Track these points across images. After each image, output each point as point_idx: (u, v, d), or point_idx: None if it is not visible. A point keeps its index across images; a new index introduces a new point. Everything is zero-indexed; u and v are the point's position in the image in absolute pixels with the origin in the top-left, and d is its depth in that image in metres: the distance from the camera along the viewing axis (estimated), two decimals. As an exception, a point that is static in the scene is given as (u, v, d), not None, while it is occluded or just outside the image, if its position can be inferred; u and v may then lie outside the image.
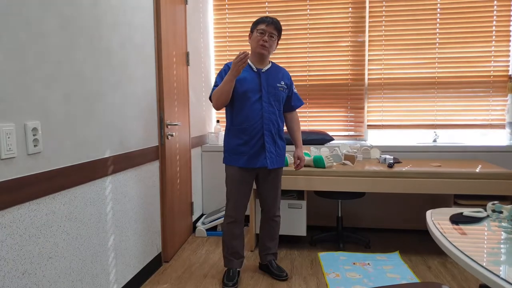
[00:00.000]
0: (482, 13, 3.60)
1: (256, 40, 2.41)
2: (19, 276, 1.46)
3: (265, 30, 2.40)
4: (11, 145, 1.40)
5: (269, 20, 2.40)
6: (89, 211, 1.92)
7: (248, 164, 2.44)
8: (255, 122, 2.41)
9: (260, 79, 2.44)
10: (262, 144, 2.44)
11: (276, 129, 2.49)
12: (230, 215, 2.53)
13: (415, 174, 2.83)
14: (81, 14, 1.83)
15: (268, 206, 2.61)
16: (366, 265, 2.78)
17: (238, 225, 2.54)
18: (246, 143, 2.43)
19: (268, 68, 2.50)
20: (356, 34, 3.81)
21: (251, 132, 2.41)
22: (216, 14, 4.01)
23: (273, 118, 2.46)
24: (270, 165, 2.46)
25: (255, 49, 2.44)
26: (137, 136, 2.43)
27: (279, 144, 2.52)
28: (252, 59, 2.49)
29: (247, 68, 2.46)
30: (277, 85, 2.48)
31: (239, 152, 2.45)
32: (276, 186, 2.59)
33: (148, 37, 2.58)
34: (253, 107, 2.41)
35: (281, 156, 2.55)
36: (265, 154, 2.44)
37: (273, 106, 2.46)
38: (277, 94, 2.48)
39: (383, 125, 3.85)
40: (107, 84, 2.07)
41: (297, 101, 2.67)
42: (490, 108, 3.67)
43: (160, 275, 2.69)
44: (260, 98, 2.42)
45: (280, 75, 2.53)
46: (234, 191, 2.50)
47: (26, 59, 1.49)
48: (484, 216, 1.73)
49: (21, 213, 1.47)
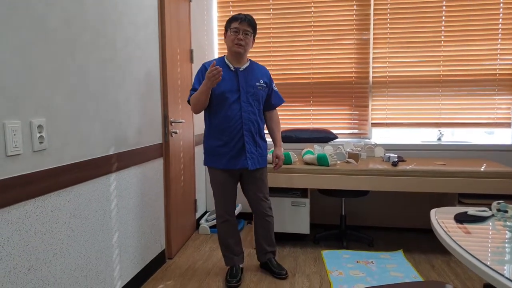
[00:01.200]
0: (488, 10, 3.57)
1: (231, 39, 2.37)
2: (24, 272, 1.47)
3: (239, 28, 2.36)
4: (17, 142, 1.41)
5: (242, 17, 2.35)
6: (93, 207, 1.93)
7: (228, 165, 2.41)
8: (234, 122, 2.37)
9: (238, 78, 2.40)
10: (242, 145, 2.40)
11: (256, 128, 2.44)
12: (221, 215, 2.52)
13: (419, 173, 2.82)
14: (85, 11, 1.83)
15: (256, 206, 2.58)
16: (370, 264, 2.78)
17: (230, 223, 2.55)
18: (225, 144, 2.39)
19: (246, 67, 2.45)
20: (360, 32, 3.79)
21: (230, 133, 2.38)
22: (220, 11, 4.01)
23: (253, 118, 2.42)
24: (251, 165, 2.42)
25: (231, 48, 2.39)
26: (141, 134, 2.44)
27: (259, 144, 2.48)
28: (229, 57, 2.45)
29: (224, 67, 2.40)
30: (256, 84, 2.44)
31: (219, 153, 2.41)
32: (260, 187, 2.54)
33: (152, 34, 2.59)
34: (232, 108, 2.37)
35: (263, 156, 2.51)
36: (245, 155, 2.40)
37: (253, 105, 2.42)
38: (256, 93, 2.43)
39: (388, 123, 3.84)
40: (111, 81, 2.08)
41: (277, 100, 2.62)
42: (495, 107, 3.65)
43: (163, 271, 2.70)
44: (239, 98, 2.38)
45: (259, 74, 2.49)
46: (220, 192, 2.48)
47: (31, 57, 1.49)
48: (489, 215, 1.72)
49: (26, 210, 1.48)
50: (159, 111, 2.71)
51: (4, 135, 1.37)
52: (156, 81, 2.66)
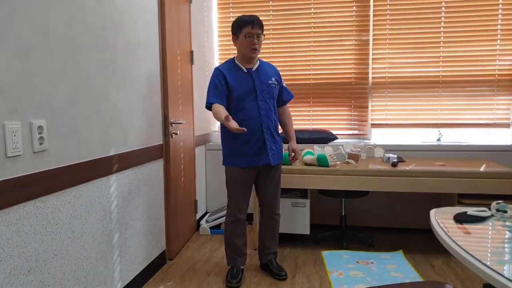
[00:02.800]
0: (487, 11, 3.57)
1: (246, 45, 2.38)
2: (24, 273, 1.48)
3: (252, 33, 2.37)
4: (17, 143, 1.42)
5: (253, 21, 2.36)
6: (94, 209, 1.93)
7: (251, 163, 2.45)
8: (254, 121, 2.42)
9: (252, 78, 2.44)
10: (263, 142, 2.44)
11: (273, 125, 2.51)
12: (233, 214, 2.53)
13: (419, 173, 2.82)
14: (85, 13, 1.84)
15: (269, 204, 2.61)
16: (370, 264, 2.78)
17: (240, 224, 2.55)
18: (246, 143, 2.43)
19: (257, 67, 2.49)
20: (360, 33, 3.80)
21: (250, 132, 2.41)
22: (220, 13, 4.02)
23: (270, 115, 2.48)
24: (273, 161, 2.48)
25: (247, 54, 2.41)
26: (142, 135, 2.45)
27: (277, 140, 2.54)
28: (240, 60, 2.48)
29: (236, 70, 2.45)
30: (269, 82, 2.49)
31: (241, 152, 2.45)
32: (277, 182, 2.60)
33: (152, 36, 2.59)
34: (250, 107, 2.42)
35: (280, 151, 2.57)
36: (266, 151, 2.45)
37: (268, 103, 2.47)
38: (270, 91, 2.49)
39: (387, 124, 3.84)
40: (111, 82, 2.08)
41: (288, 95, 2.69)
42: (494, 107, 3.65)
43: (164, 272, 2.70)
44: (256, 97, 2.43)
45: (270, 72, 2.54)
46: (236, 191, 2.50)
47: (32, 58, 1.50)
48: (488, 215, 1.72)
49: (26, 211, 1.48)
50: (159, 112, 2.71)
51: (4, 136, 1.37)
52: (157, 82, 2.67)
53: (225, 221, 2.62)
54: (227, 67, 2.47)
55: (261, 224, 2.68)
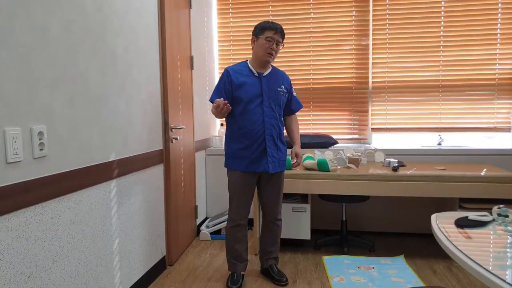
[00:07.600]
0: (487, 15, 3.59)
1: (264, 47, 2.39)
2: (24, 280, 1.47)
3: (273, 38, 2.39)
4: (17, 149, 1.41)
5: (277, 28, 2.39)
6: (94, 214, 1.93)
7: (249, 168, 2.45)
8: (257, 126, 2.42)
9: (261, 83, 2.45)
10: (264, 149, 2.44)
11: (277, 133, 2.49)
12: (233, 219, 2.53)
13: (419, 178, 2.82)
14: (85, 18, 1.84)
15: (270, 210, 2.60)
16: (371, 269, 2.77)
17: (241, 229, 2.54)
18: (247, 148, 2.43)
19: (269, 72, 2.50)
20: (360, 37, 3.81)
21: (252, 137, 2.42)
22: (220, 18, 4.03)
23: (274, 122, 2.47)
24: (272, 169, 2.46)
25: (262, 57, 2.42)
26: (142, 140, 2.45)
27: (280, 147, 2.52)
28: (254, 63, 2.49)
29: (248, 73, 2.46)
30: (278, 89, 2.49)
31: (240, 156, 2.45)
32: (278, 190, 2.59)
33: (152, 41, 2.60)
34: (254, 112, 2.42)
35: (283, 159, 2.55)
36: (266, 158, 2.44)
37: (274, 110, 2.47)
38: (278, 98, 2.48)
39: (388, 128, 3.84)
40: (111, 88, 2.09)
41: (297, 105, 2.69)
42: (495, 111, 3.65)
43: (164, 278, 2.69)
44: (261, 103, 2.43)
45: (281, 79, 2.54)
46: (237, 195, 2.50)
47: (31, 63, 1.50)
48: (489, 220, 1.71)
49: (26, 217, 1.48)
50: (159, 117, 2.71)
51: (4, 142, 1.37)
52: (157, 87, 2.67)
53: (226, 226, 2.61)
54: (238, 68, 2.48)
55: (263, 229, 2.68)
